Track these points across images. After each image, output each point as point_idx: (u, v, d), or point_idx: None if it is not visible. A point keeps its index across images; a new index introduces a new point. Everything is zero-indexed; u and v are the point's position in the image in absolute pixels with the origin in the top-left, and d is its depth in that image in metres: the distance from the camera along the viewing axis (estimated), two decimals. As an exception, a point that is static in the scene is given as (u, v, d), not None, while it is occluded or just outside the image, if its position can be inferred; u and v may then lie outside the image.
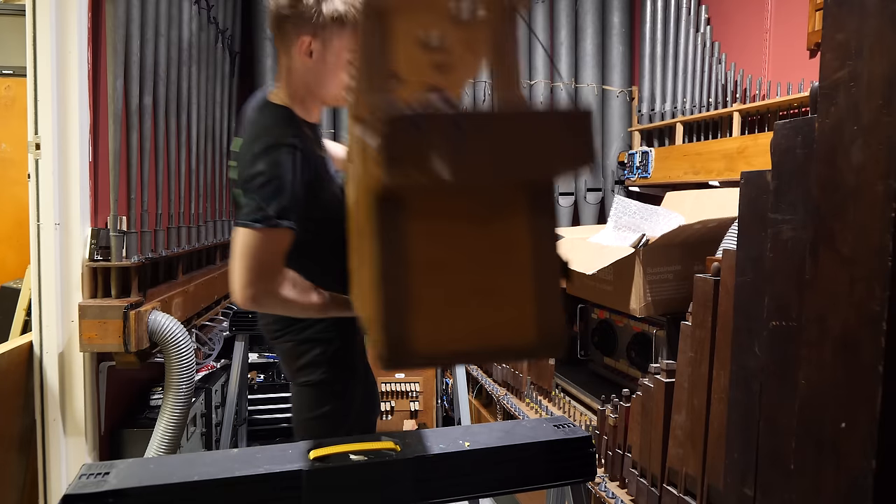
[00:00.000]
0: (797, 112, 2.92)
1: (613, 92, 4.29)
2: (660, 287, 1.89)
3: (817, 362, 0.83)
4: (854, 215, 0.78)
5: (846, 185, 0.79)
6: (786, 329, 0.95)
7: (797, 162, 0.93)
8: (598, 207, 4.30)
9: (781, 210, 0.96)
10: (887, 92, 0.73)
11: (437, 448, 1.09)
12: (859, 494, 0.76)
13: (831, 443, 0.80)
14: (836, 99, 0.80)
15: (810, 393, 0.84)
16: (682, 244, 1.89)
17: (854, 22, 0.78)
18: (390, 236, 0.69)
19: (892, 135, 0.72)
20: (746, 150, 2.93)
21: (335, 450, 1.04)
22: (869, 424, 0.75)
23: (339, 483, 1.02)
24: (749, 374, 1.06)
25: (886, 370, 0.73)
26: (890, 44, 0.73)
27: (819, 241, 0.83)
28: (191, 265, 2.97)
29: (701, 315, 1.27)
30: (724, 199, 2.24)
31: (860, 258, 0.76)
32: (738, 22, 3.59)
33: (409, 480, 1.05)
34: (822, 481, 0.82)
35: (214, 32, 3.33)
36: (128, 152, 2.20)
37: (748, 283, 1.06)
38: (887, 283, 0.72)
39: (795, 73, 3.05)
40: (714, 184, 3.13)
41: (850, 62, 0.78)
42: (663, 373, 1.42)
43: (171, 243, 2.65)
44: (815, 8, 2.95)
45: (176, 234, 2.70)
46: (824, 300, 0.82)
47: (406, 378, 4.03)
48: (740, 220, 1.09)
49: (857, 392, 0.77)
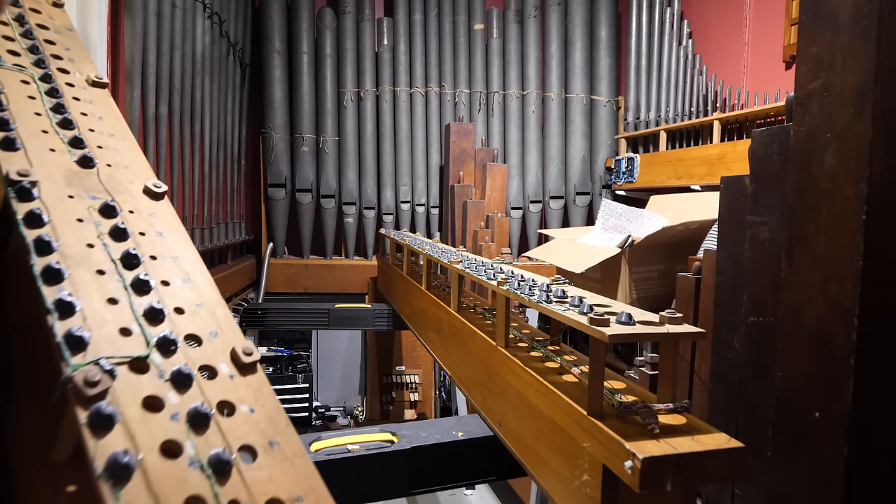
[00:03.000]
0: (774, 120, 2.93)
1: (601, 101, 4.29)
2: (644, 285, 1.89)
3: (793, 356, 0.83)
4: (827, 217, 0.77)
5: (820, 189, 0.79)
6: (763, 324, 0.95)
7: (774, 167, 0.93)
8: (586, 210, 4.30)
9: (759, 213, 0.95)
10: (858, 102, 0.73)
11: (433, 438, 1.09)
12: (832, 479, 0.76)
13: (806, 431, 0.80)
14: (811, 108, 0.80)
15: (786, 385, 0.84)
16: (665, 245, 1.89)
17: (827, 36, 0.77)
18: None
19: (863, 142, 0.72)
20: (726, 157, 2.93)
21: (336, 442, 1.04)
22: (841, 414, 0.75)
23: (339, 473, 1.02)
24: (728, 367, 1.05)
25: (857, 363, 0.73)
26: (861, 56, 0.73)
27: (794, 241, 0.83)
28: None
29: (683, 311, 1.27)
30: (705, 202, 2.23)
31: (833, 258, 0.76)
32: (718, 36, 3.59)
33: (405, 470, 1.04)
34: (798, 468, 0.82)
35: (226, 45, 3.32)
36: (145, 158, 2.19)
37: (727, 281, 1.06)
38: (858, 281, 0.72)
39: (772, 83, 3.05)
40: (696, 188, 3.13)
41: (824, 73, 0.78)
42: (648, 365, 1.42)
43: (185, 244, 2.64)
44: (791, 22, 2.95)
45: (190, 236, 2.69)
46: (799, 297, 0.82)
47: (406, 370, 4.03)
48: (720, 222, 1.09)
49: (830, 384, 0.76)
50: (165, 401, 0.45)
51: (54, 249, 0.54)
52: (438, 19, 4.28)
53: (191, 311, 0.54)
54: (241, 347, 0.51)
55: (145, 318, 0.51)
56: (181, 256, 0.61)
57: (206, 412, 0.44)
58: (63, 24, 0.92)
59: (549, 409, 0.94)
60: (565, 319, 0.86)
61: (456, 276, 1.57)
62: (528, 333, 1.26)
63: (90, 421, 0.41)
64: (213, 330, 0.53)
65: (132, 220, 0.63)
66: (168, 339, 0.50)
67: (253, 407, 0.47)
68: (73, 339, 0.46)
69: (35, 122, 0.72)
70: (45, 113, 0.74)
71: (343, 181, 4.24)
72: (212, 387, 0.48)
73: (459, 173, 3.72)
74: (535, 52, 4.30)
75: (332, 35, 4.18)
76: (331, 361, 4.97)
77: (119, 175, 0.69)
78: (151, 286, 0.55)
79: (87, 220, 0.60)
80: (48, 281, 0.51)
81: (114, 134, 0.76)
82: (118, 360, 0.47)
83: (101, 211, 0.62)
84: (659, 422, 0.77)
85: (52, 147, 0.69)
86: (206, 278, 0.59)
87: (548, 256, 2.05)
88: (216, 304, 0.57)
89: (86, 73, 0.84)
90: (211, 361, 0.50)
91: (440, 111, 4.30)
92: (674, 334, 0.80)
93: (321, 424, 4.54)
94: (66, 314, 0.49)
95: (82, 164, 0.67)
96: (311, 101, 4.19)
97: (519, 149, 4.33)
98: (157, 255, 0.60)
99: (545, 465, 0.96)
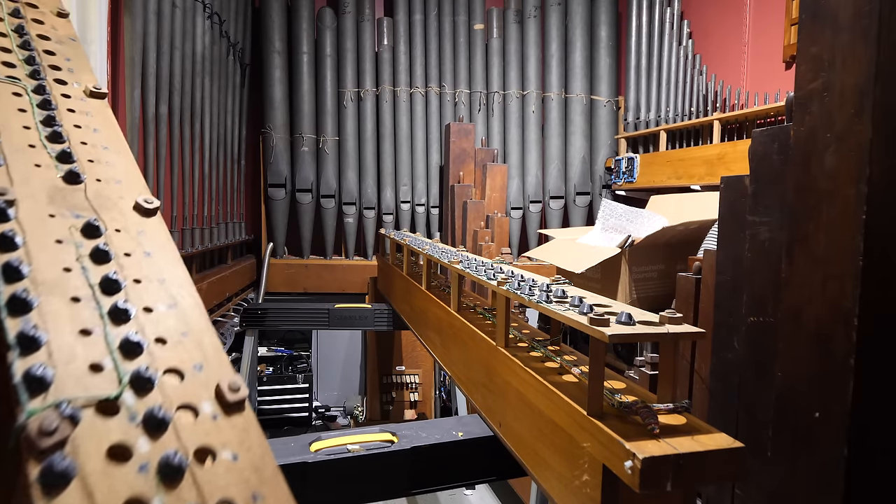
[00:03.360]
0: (774, 120, 2.92)
1: (601, 101, 4.29)
2: (644, 285, 1.89)
3: (792, 356, 0.83)
4: (827, 217, 0.77)
5: (820, 189, 0.79)
6: (763, 324, 0.95)
7: (774, 167, 0.93)
8: (586, 210, 4.30)
9: (759, 213, 0.95)
10: (858, 102, 0.73)
11: (433, 438, 1.09)
12: (832, 479, 0.76)
13: (806, 431, 0.80)
14: (811, 108, 0.80)
15: (786, 385, 0.84)
16: (665, 245, 1.89)
17: (827, 36, 0.77)
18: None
19: (863, 142, 0.72)
20: (726, 157, 2.93)
21: (335, 442, 1.04)
22: (841, 414, 0.75)
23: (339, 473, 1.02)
24: (728, 366, 1.05)
25: (857, 363, 0.73)
26: (861, 56, 0.72)
27: (794, 241, 0.83)
28: (204, 264, 2.97)
29: (683, 311, 1.27)
30: (705, 202, 2.23)
31: (833, 258, 0.76)
32: (718, 36, 3.59)
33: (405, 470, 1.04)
34: (798, 468, 0.82)
35: (226, 46, 3.32)
36: (145, 158, 2.19)
37: (727, 281, 1.06)
38: (858, 281, 0.72)
39: (772, 83, 3.05)
40: (695, 188, 3.13)
41: (824, 73, 0.78)
42: (648, 365, 1.42)
43: (185, 244, 2.64)
44: (791, 22, 2.95)
45: (190, 236, 2.69)
46: (799, 297, 0.82)
47: (406, 370, 4.03)
48: (720, 222, 1.09)
49: (830, 384, 0.76)
50: (134, 449, 0.40)
51: (24, 276, 0.50)
52: (438, 19, 4.28)
53: (174, 342, 0.49)
54: (227, 383, 0.46)
55: (120, 352, 0.46)
56: (168, 279, 0.56)
57: (179, 463, 0.39)
58: (66, 34, 0.91)
59: (549, 409, 0.94)
60: (565, 319, 0.86)
61: (456, 276, 1.57)
62: (528, 333, 1.26)
63: (41, 478, 0.36)
64: (197, 363, 0.48)
65: (117, 240, 0.58)
66: (142, 375, 0.44)
67: (237, 452, 0.42)
68: (32, 379, 0.41)
69: (22, 136, 0.68)
70: (34, 126, 0.71)
71: (343, 181, 4.24)
72: (190, 430, 0.43)
73: (459, 173, 3.72)
74: (535, 52, 4.30)
75: (332, 35, 4.18)
76: (331, 361, 4.97)
77: (109, 191, 0.65)
78: (131, 314, 0.50)
79: (68, 240, 0.56)
80: (13, 312, 0.46)
81: (108, 147, 0.73)
82: (84, 402, 0.42)
83: (83, 231, 0.57)
84: (659, 422, 0.77)
85: (38, 162, 0.65)
86: (195, 301, 0.55)
87: (548, 256, 2.05)
88: (204, 331, 0.52)
89: (84, 84, 0.82)
90: (192, 400, 0.45)
91: (440, 111, 4.30)
92: (674, 334, 0.80)
93: (321, 424, 4.54)
94: (29, 350, 0.44)
95: (69, 180, 0.63)
96: (311, 101, 4.19)
97: (519, 149, 4.33)
98: (143, 277, 0.55)
99: (545, 465, 0.96)
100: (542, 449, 0.97)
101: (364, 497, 1.07)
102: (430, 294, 1.88)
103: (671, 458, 0.70)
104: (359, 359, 4.89)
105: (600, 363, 0.84)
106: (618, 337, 0.77)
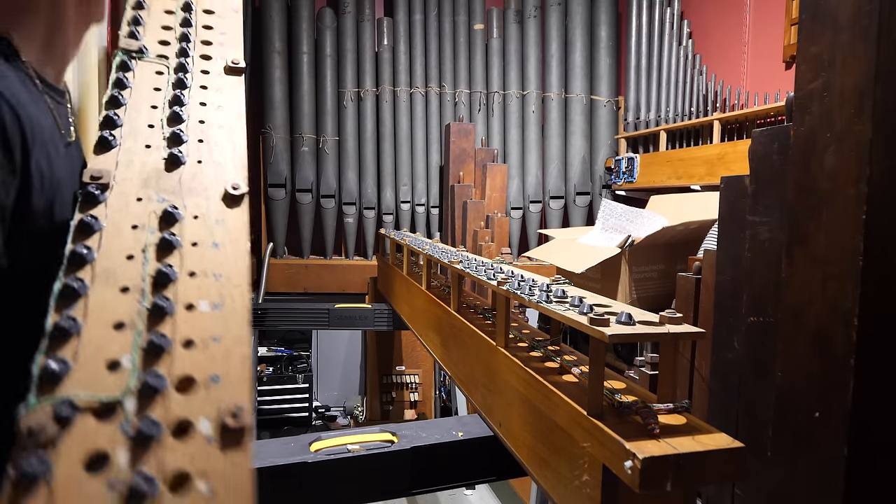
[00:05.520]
0: (774, 120, 2.93)
1: (601, 101, 4.29)
2: (644, 285, 1.89)
3: (793, 356, 0.83)
4: (827, 218, 0.77)
5: (820, 189, 0.79)
6: (763, 324, 0.95)
7: (774, 167, 0.93)
8: (586, 210, 4.30)
9: (759, 213, 0.95)
10: (858, 102, 0.73)
11: (433, 438, 1.09)
12: (832, 479, 0.76)
13: (806, 431, 0.80)
14: (811, 108, 0.80)
15: (786, 384, 0.84)
16: (665, 245, 1.89)
17: (827, 36, 0.77)
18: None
19: (863, 142, 0.72)
20: (726, 157, 2.93)
21: (335, 442, 1.04)
22: (841, 414, 0.75)
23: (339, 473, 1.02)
24: (728, 366, 1.05)
25: (857, 363, 0.73)
26: (861, 56, 0.73)
27: (794, 241, 0.83)
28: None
29: (683, 311, 1.27)
30: (704, 202, 2.24)
31: (833, 258, 0.76)
32: (718, 36, 3.59)
33: (405, 470, 1.04)
34: (798, 468, 0.82)
35: (226, 45, 3.31)
36: (144, 158, 2.20)
37: (727, 281, 1.06)
38: (858, 281, 0.72)
39: (772, 83, 3.05)
40: (695, 188, 3.13)
41: (824, 73, 0.78)
42: (648, 365, 1.42)
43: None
44: (791, 22, 2.95)
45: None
46: (799, 297, 0.82)
47: (406, 370, 4.03)
48: (720, 222, 1.09)
49: (830, 383, 0.76)
50: (113, 461, 0.38)
51: (87, 262, 0.50)
52: (438, 19, 4.28)
53: (203, 345, 0.46)
54: (232, 406, 0.42)
55: (143, 351, 0.45)
56: (226, 275, 0.53)
57: (143, 490, 0.36)
58: (231, 6, 0.89)
59: (549, 409, 0.94)
60: (565, 319, 0.86)
61: (456, 276, 1.57)
62: (528, 333, 1.26)
63: (16, 477, 0.36)
64: (216, 373, 0.45)
65: (191, 228, 0.56)
66: (151, 381, 0.42)
67: (214, 489, 0.38)
68: (46, 373, 0.41)
69: (146, 117, 0.68)
70: (161, 105, 0.70)
71: (343, 181, 4.24)
72: (176, 450, 0.40)
73: (459, 173, 3.72)
74: (535, 52, 4.30)
75: (332, 35, 4.18)
76: (331, 361, 4.97)
77: (205, 174, 0.63)
78: (167, 311, 0.48)
79: (143, 227, 0.55)
80: (62, 301, 0.46)
81: (224, 126, 0.70)
82: (85, 402, 0.41)
83: (161, 217, 0.56)
84: (659, 422, 0.77)
85: (149, 143, 0.65)
86: (243, 304, 0.51)
87: (548, 256, 2.05)
88: (237, 340, 0.48)
89: (228, 59, 0.80)
90: (193, 415, 0.42)
91: (440, 111, 4.30)
92: (674, 334, 0.80)
93: (321, 424, 4.54)
94: (58, 342, 0.43)
95: (170, 163, 0.63)
96: (311, 101, 4.19)
97: (519, 149, 4.33)
98: (199, 271, 0.52)
99: (545, 465, 0.96)
100: (542, 449, 0.97)
101: (364, 497, 1.08)
102: (429, 294, 1.88)
103: (671, 458, 0.70)
104: (359, 359, 4.89)
105: (600, 363, 0.84)
106: (618, 337, 0.77)
